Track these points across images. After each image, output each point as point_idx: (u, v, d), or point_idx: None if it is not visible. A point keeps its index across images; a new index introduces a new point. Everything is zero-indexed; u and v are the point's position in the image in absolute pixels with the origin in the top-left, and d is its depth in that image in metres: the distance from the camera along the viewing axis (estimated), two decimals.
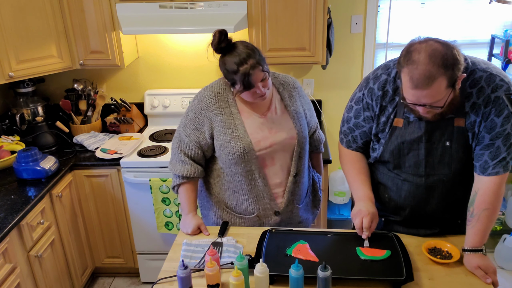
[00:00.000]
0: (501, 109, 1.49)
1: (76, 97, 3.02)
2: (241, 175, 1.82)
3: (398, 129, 1.62)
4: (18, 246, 2.15)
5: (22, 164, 2.43)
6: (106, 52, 2.71)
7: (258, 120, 1.81)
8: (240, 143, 1.76)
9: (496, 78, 1.50)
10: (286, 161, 1.85)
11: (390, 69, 1.62)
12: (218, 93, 1.81)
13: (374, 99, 1.63)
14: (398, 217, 1.79)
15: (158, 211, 2.68)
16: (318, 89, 3.10)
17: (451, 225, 1.77)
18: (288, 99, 1.87)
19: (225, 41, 1.68)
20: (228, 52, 1.69)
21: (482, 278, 1.52)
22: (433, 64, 1.34)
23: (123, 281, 3.04)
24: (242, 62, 1.65)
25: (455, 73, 1.37)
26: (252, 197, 1.85)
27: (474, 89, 1.51)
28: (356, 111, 1.71)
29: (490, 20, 2.97)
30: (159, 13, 2.58)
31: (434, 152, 1.61)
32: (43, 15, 2.58)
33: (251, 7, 2.55)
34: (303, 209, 2.00)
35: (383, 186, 1.78)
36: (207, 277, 1.48)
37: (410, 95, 1.42)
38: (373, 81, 1.64)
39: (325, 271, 1.39)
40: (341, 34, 2.94)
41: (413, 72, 1.37)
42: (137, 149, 2.78)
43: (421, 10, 2.95)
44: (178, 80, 3.12)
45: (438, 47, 1.36)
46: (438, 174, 1.64)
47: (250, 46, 1.70)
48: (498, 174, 1.53)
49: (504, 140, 1.51)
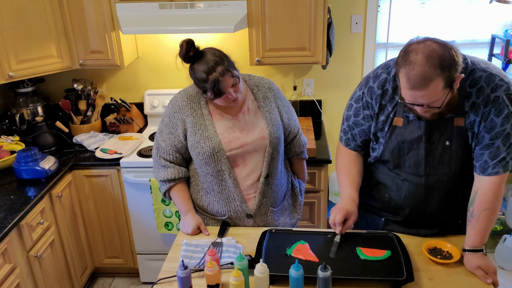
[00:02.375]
0: (500, 109, 1.49)
1: (76, 97, 3.02)
2: (211, 176, 1.84)
3: (398, 128, 1.62)
4: (18, 246, 2.15)
5: (22, 164, 2.42)
6: (106, 52, 2.71)
7: (230, 121, 1.82)
8: (210, 143, 1.78)
9: (495, 77, 1.50)
10: (258, 162, 1.85)
11: (390, 68, 1.62)
12: (191, 96, 1.84)
13: (374, 98, 1.64)
14: (398, 217, 1.79)
15: (158, 211, 2.68)
16: (318, 89, 3.10)
17: (452, 225, 1.76)
18: (262, 100, 1.87)
19: (192, 50, 1.69)
20: (196, 61, 1.70)
21: (483, 278, 1.52)
22: (429, 65, 1.34)
23: (123, 281, 3.04)
24: (211, 70, 1.66)
25: (452, 74, 1.37)
26: (223, 198, 1.86)
27: (473, 89, 1.51)
28: (355, 109, 1.71)
29: (490, 20, 2.97)
30: (159, 13, 2.58)
31: (434, 151, 1.61)
32: (43, 15, 2.58)
33: (251, 7, 2.55)
34: (280, 213, 1.98)
35: (383, 186, 1.78)
36: (207, 277, 1.48)
37: (407, 95, 1.42)
38: (373, 80, 1.65)
39: (325, 271, 1.39)
40: (341, 34, 2.94)
41: (410, 73, 1.37)
42: (137, 149, 2.77)
43: (421, 10, 2.95)
44: (178, 80, 3.11)
45: (435, 48, 1.36)
46: (438, 173, 1.64)
47: (218, 53, 1.71)
48: (498, 174, 1.53)
49: (503, 140, 1.51)
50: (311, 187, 2.69)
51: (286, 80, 3.07)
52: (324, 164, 2.64)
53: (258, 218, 1.90)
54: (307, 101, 3.10)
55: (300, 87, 3.10)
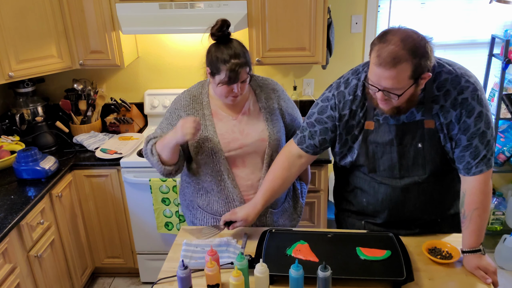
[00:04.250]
0: (470, 109, 1.51)
1: (76, 97, 3.02)
2: (211, 176, 1.84)
3: (370, 132, 1.63)
4: (18, 246, 2.15)
5: (22, 164, 2.43)
6: (106, 52, 2.71)
7: (231, 122, 1.83)
8: (208, 144, 1.79)
9: (461, 80, 1.52)
10: (257, 163, 1.85)
11: (360, 74, 1.64)
12: (194, 96, 1.85)
13: (343, 102, 1.64)
14: (377, 219, 1.79)
15: (158, 211, 2.68)
16: (318, 89, 3.10)
17: (431, 224, 1.77)
18: (264, 101, 1.87)
19: (225, 30, 1.71)
20: (223, 42, 1.71)
21: (482, 279, 1.52)
22: (402, 47, 1.36)
23: (123, 281, 3.04)
24: (235, 56, 1.68)
25: (421, 65, 1.38)
26: (223, 198, 1.86)
27: (440, 92, 1.53)
28: (321, 108, 1.70)
29: (490, 20, 2.97)
30: (159, 13, 2.58)
31: (407, 154, 1.61)
32: (43, 15, 2.58)
33: (251, 7, 2.55)
34: (280, 215, 1.98)
35: (360, 191, 1.78)
36: (207, 277, 1.48)
37: (373, 74, 1.43)
38: (344, 85, 1.66)
39: (325, 271, 1.39)
40: (341, 34, 2.94)
41: (381, 50, 1.38)
42: (137, 149, 2.77)
43: (421, 10, 2.95)
44: (178, 80, 3.11)
45: (412, 35, 1.39)
46: (412, 176, 1.64)
47: (244, 46, 1.74)
48: (482, 172, 1.54)
49: (480, 139, 1.53)
50: (311, 187, 2.69)
51: (286, 80, 3.07)
52: (324, 164, 2.64)
53: (257, 219, 1.89)
54: (307, 101, 3.10)
55: (300, 87, 3.10)
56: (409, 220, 1.75)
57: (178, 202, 2.63)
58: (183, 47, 3.02)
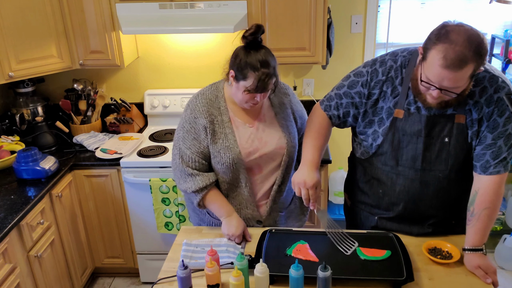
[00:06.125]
0: (503, 109, 1.51)
1: (76, 97, 3.02)
2: (228, 184, 1.82)
3: (399, 120, 1.62)
4: (18, 246, 2.15)
5: (22, 164, 2.43)
6: (106, 52, 2.71)
7: (249, 130, 1.79)
8: (230, 154, 1.74)
9: (498, 79, 1.52)
10: (273, 169, 1.84)
11: (398, 57, 1.62)
12: (210, 100, 1.78)
13: (375, 81, 1.63)
14: (391, 213, 1.78)
15: (158, 211, 2.68)
16: (318, 89, 3.10)
17: (445, 225, 1.76)
18: (278, 106, 1.86)
19: (258, 37, 1.66)
20: (253, 48, 1.66)
21: (482, 278, 1.53)
22: (469, 49, 1.34)
23: (123, 281, 3.04)
24: (266, 64, 1.63)
25: (481, 64, 1.38)
26: (235, 204, 1.85)
27: (477, 88, 1.52)
28: (352, 82, 1.69)
29: (490, 20, 2.97)
30: (159, 13, 2.58)
31: (432, 147, 1.61)
32: (43, 15, 2.58)
33: (251, 7, 2.55)
34: (287, 216, 1.98)
35: (377, 181, 1.77)
36: (207, 277, 1.48)
37: (435, 74, 1.39)
38: (380, 65, 1.64)
39: (325, 271, 1.39)
40: (341, 34, 2.94)
41: (448, 51, 1.34)
42: (137, 149, 2.77)
43: (421, 10, 2.95)
44: (178, 80, 3.11)
45: (475, 34, 1.36)
46: (434, 169, 1.64)
47: (273, 55, 1.69)
48: (499, 173, 1.54)
49: (505, 140, 1.53)
50: None
51: (286, 80, 3.07)
52: (324, 164, 2.64)
53: (266, 223, 1.90)
54: (307, 101, 3.10)
55: (300, 87, 3.10)
56: (423, 217, 1.75)
57: (178, 202, 2.63)
58: (183, 47, 3.02)
